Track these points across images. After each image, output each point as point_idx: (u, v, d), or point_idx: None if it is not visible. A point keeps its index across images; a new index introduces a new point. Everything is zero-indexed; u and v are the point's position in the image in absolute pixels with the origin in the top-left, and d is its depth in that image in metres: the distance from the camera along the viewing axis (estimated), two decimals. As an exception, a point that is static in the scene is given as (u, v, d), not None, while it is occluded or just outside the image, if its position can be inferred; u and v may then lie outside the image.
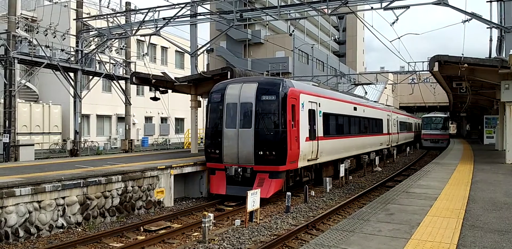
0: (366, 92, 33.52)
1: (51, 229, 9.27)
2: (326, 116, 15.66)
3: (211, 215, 8.47)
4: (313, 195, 14.16)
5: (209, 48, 36.27)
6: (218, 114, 13.13)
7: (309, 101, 14.10)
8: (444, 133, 40.57)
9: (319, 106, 14.97)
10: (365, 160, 20.86)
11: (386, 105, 33.75)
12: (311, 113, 14.26)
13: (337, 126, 17.20)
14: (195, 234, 9.22)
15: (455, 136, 58.67)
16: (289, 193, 11.61)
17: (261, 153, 12.30)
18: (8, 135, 18.52)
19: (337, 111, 17.06)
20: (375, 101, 29.72)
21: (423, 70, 31.16)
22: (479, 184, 10.79)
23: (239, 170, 12.46)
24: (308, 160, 13.89)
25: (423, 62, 30.78)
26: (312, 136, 14.15)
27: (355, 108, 19.75)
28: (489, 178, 12.02)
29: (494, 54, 18.91)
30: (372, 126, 23.23)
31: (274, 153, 12.20)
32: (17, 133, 19.84)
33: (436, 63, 15.92)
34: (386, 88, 56.26)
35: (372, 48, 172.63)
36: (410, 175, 14.14)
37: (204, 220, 8.29)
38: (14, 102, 19.18)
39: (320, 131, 14.83)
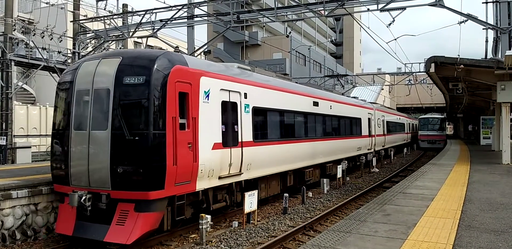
0: (343, 86, 27.91)
1: (49, 232, 9.24)
2: (260, 112, 11.42)
3: (209, 216, 8.48)
4: (311, 196, 14.19)
5: (206, 50, 36.32)
6: (65, 108, 8.78)
7: (222, 90, 9.73)
8: (441, 133, 40.72)
9: (246, 97, 10.59)
10: (362, 163, 20.86)
11: (370, 102, 28.55)
12: (229, 108, 10.00)
13: (282, 126, 12.90)
14: (193, 236, 9.22)
15: (452, 137, 58.87)
16: (286, 194, 11.61)
17: (121, 169, 7.77)
18: (5, 137, 18.47)
19: (281, 106, 12.70)
20: (354, 97, 25.52)
21: (419, 72, 31.22)
22: (476, 185, 10.84)
23: (84, 198, 7.86)
24: (221, 177, 9.53)
25: (419, 63, 30.86)
26: (231, 141, 9.92)
27: (315, 104, 15.29)
28: (485, 179, 12.08)
29: (490, 55, 19.05)
30: (344, 127, 18.87)
31: (141, 170, 7.73)
32: (14, 135, 19.79)
33: (433, 65, 16.02)
34: (383, 89, 56.38)
35: (369, 50, 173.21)
36: (407, 176, 14.18)
37: (202, 222, 8.29)
38: (11, 105, 19.13)
39: (247, 134, 10.60)
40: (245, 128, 10.60)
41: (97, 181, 8.04)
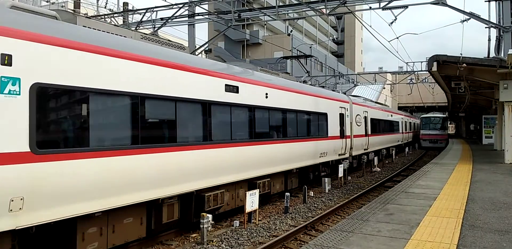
0: (308, 73, 19.38)
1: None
2: (60, 97, 6.16)
3: (210, 216, 8.43)
4: (312, 195, 14.13)
5: (207, 48, 36.27)
6: None
7: None
8: (443, 133, 40.67)
9: (8, 63, 5.40)
10: (363, 162, 20.73)
11: (352, 95, 23.28)
12: None
13: (140, 123, 7.34)
14: (194, 235, 9.18)
15: (454, 136, 58.86)
16: (287, 194, 11.55)
17: None
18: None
19: (137, 88, 7.26)
20: (322, 87, 20.33)
21: (421, 70, 31.25)
22: (478, 184, 10.78)
23: None
24: None
25: (421, 62, 30.89)
26: None
27: (232, 89, 10.00)
28: (488, 178, 12.02)
29: (492, 54, 18.95)
30: (296, 125, 13.46)
31: None
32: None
33: (435, 63, 15.94)
34: (384, 88, 56.37)
35: (371, 48, 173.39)
36: (409, 175, 14.13)
37: (203, 221, 8.24)
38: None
39: (10, 138, 5.35)
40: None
41: None
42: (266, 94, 11.63)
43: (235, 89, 10.15)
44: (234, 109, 10.13)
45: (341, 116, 17.78)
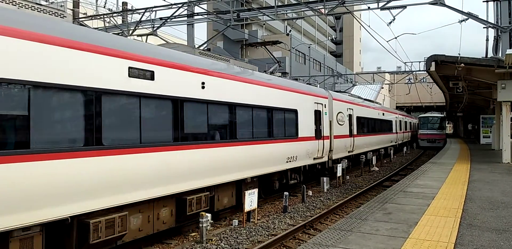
0: (279, 63, 16.51)
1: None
2: None
3: (209, 215, 8.46)
4: (311, 194, 14.17)
5: (206, 48, 36.33)
6: None
7: None
8: (441, 132, 40.78)
9: None
10: (362, 161, 20.76)
11: (336, 91, 21.33)
12: None
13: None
14: (193, 234, 9.21)
15: (452, 136, 59.02)
16: (286, 193, 11.59)
17: None
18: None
19: None
20: (295, 79, 18.10)
21: (419, 70, 31.27)
22: (476, 183, 10.84)
23: None
24: None
25: (419, 62, 30.93)
26: None
27: (144, 75, 7.38)
28: (486, 177, 12.08)
29: (490, 54, 19.03)
30: (251, 124, 10.77)
31: None
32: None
33: (433, 63, 16.00)
34: (383, 88, 56.46)
35: (369, 48, 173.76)
36: (408, 175, 14.18)
37: (202, 220, 8.27)
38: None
39: None
40: None
41: None
42: (203, 83, 8.90)
43: (148, 75, 7.45)
44: (145, 102, 7.38)
45: (318, 113, 15.15)
